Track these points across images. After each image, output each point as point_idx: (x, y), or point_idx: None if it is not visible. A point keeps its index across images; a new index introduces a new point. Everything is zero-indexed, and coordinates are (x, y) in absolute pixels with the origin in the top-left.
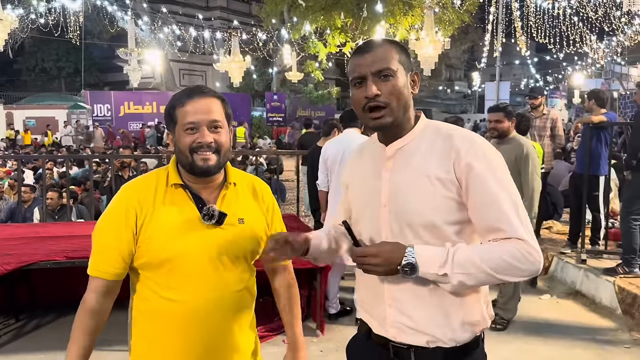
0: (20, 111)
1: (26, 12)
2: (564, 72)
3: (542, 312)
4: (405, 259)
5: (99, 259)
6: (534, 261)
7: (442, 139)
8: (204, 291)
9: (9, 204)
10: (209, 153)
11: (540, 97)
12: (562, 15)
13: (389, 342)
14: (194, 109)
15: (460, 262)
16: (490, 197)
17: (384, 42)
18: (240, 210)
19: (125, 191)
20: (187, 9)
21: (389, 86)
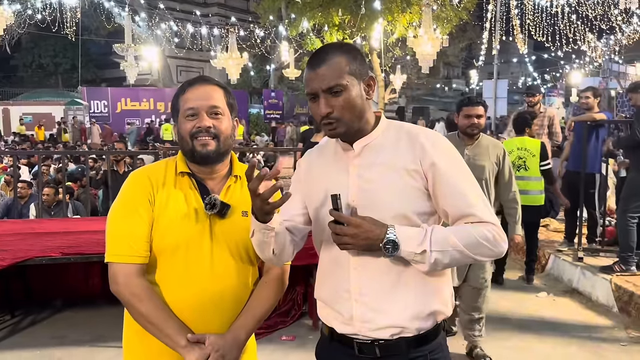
0: (17, 107)
1: (23, 7)
2: (562, 71)
3: (539, 310)
4: (388, 236)
5: (124, 245)
6: (501, 242)
7: (407, 135)
8: (202, 283)
9: (5, 200)
10: (207, 138)
11: (538, 95)
12: (560, 14)
13: (353, 339)
14: (194, 96)
15: (437, 240)
16: (458, 188)
17: (333, 54)
18: (245, 204)
19: (137, 175)
20: (184, 5)
21: (340, 101)
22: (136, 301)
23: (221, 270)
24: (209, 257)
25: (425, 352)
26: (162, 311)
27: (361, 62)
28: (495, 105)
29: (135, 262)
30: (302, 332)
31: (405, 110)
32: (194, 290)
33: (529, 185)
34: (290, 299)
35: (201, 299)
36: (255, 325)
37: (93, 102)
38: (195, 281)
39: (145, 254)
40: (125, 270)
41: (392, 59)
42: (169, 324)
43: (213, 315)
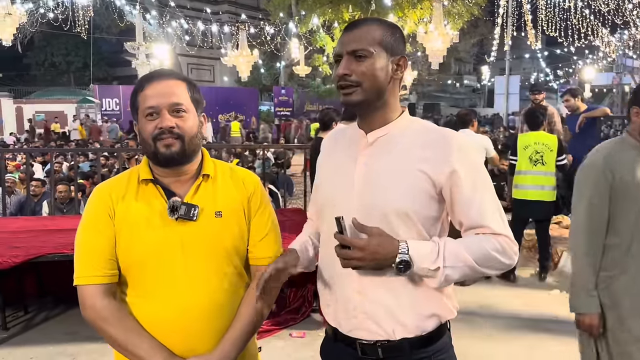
0: (30, 105)
1: (35, 6)
2: (575, 66)
3: (551, 307)
4: (400, 256)
5: (87, 265)
6: (513, 254)
7: (433, 136)
8: (180, 296)
9: (19, 197)
10: (171, 139)
11: (543, 93)
12: (573, 8)
13: (356, 340)
14: (153, 92)
15: (450, 256)
16: (474, 199)
17: (369, 22)
18: (219, 203)
19: (98, 190)
20: (195, 2)
21: (362, 67)
22: (104, 325)
23: (199, 279)
24: (182, 266)
25: (430, 353)
26: (133, 332)
27: (398, 40)
28: (507, 102)
29: (100, 282)
30: (313, 328)
31: (416, 107)
32: (172, 305)
33: (545, 180)
34: (300, 296)
35: (182, 313)
36: (247, 335)
37: (105, 100)
38: (172, 294)
39: (109, 272)
40: (90, 292)
41: None
42: (141, 346)
43: (198, 329)
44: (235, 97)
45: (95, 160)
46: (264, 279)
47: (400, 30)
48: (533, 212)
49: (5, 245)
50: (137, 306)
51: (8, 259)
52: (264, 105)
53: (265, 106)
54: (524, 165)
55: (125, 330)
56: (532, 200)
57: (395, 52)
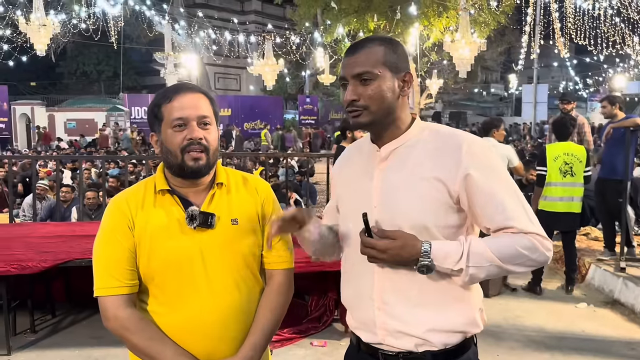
0: (62, 113)
1: (68, 17)
2: (605, 75)
3: (578, 321)
4: (422, 259)
5: (108, 276)
6: (545, 251)
7: (442, 141)
8: (201, 302)
9: (49, 203)
10: (199, 152)
11: (573, 102)
12: (602, 16)
13: (378, 350)
14: (181, 104)
15: (475, 257)
16: (495, 200)
17: (371, 43)
18: (234, 211)
19: (115, 201)
20: (222, 13)
21: (368, 90)
22: (128, 334)
23: (219, 286)
24: (203, 273)
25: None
26: (155, 341)
27: (401, 56)
28: (534, 110)
29: (121, 293)
30: (334, 337)
31: (442, 115)
32: (193, 311)
33: (575, 191)
34: (322, 305)
35: (202, 319)
36: (266, 340)
37: (134, 108)
38: (193, 301)
39: (130, 282)
40: (112, 303)
41: (427, 63)
42: (165, 354)
43: (217, 334)
44: (260, 105)
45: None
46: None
47: (401, 45)
48: (560, 223)
49: (34, 250)
50: (158, 314)
51: (37, 264)
52: (288, 114)
53: (290, 114)
54: (554, 176)
55: (148, 339)
56: (560, 212)
57: (399, 70)
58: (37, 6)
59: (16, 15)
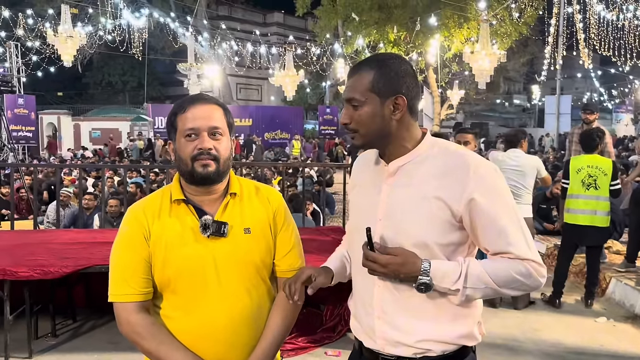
0: (87, 123)
1: (95, 29)
2: (631, 86)
3: (598, 335)
4: (421, 278)
5: (122, 284)
6: (539, 277)
7: (450, 162)
8: (211, 305)
9: (72, 210)
10: (208, 160)
11: (596, 113)
12: (627, 27)
13: (379, 355)
14: (194, 115)
15: (472, 278)
16: (497, 226)
17: (363, 68)
18: (247, 220)
19: (132, 210)
20: (245, 25)
21: (356, 115)
22: (139, 339)
23: (231, 292)
24: (215, 281)
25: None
26: (165, 344)
27: (392, 80)
28: (557, 122)
29: (134, 300)
30: (348, 347)
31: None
32: (205, 317)
33: (598, 205)
34: (337, 315)
35: (213, 325)
36: (276, 346)
37: (157, 118)
38: (205, 307)
39: (144, 290)
40: (125, 309)
41: (448, 74)
42: (174, 358)
43: (228, 340)
44: (281, 115)
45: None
46: (299, 281)
47: (398, 67)
48: (584, 237)
49: (56, 256)
50: (171, 318)
51: (59, 269)
52: (309, 124)
53: (310, 125)
54: (576, 188)
55: (158, 343)
56: (583, 225)
57: (388, 94)
58: (65, 19)
59: (45, 28)
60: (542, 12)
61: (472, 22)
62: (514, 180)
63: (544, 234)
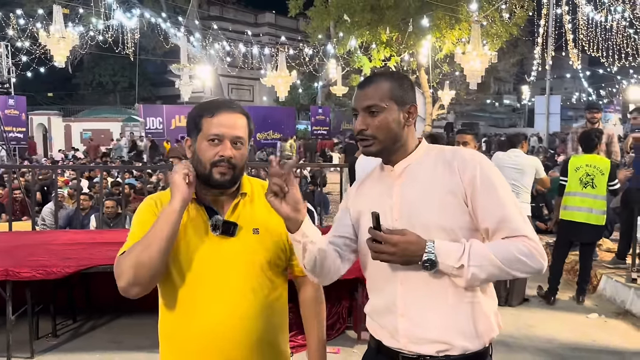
0: (78, 123)
1: (86, 29)
2: (619, 86)
3: (589, 331)
4: (426, 254)
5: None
6: (540, 258)
7: (447, 155)
8: (218, 303)
9: (67, 211)
10: (226, 168)
11: (600, 112)
12: (615, 28)
13: (399, 353)
14: (220, 122)
15: (475, 255)
16: (496, 203)
17: (380, 79)
18: (256, 221)
19: (148, 200)
20: (237, 25)
21: (375, 121)
22: (124, 259)
23: (236, 291)
24: (222, 279)
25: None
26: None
27: (407, 90)
28: (547, 122)
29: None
30: (347, 345)
31: (453, 127)
32: (211, 314)
33: (595, 203)
34: (335, 313)
35: (219, 322)
36: (323, 344)
37: (149, 118)
38: (211, 306)
39: None
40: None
41: (440, 74)
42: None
43: (234, 338)
44: (273, 116)
45: (138, 177)
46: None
47: (408, 80)
48: (579, 234)
49: (58, 257)
50: (177, 315)
51: (61, 269)
52: (301, 124)
53: (303, 125)
54: (573, 186)
55: (140, 243)
56: (578, 222)
57: (404, 102)
58: (57, 19)
59: (36, 28)
60: (531, 13)
61: (464, 23)
62: (513, 179)
63: (537, 232)
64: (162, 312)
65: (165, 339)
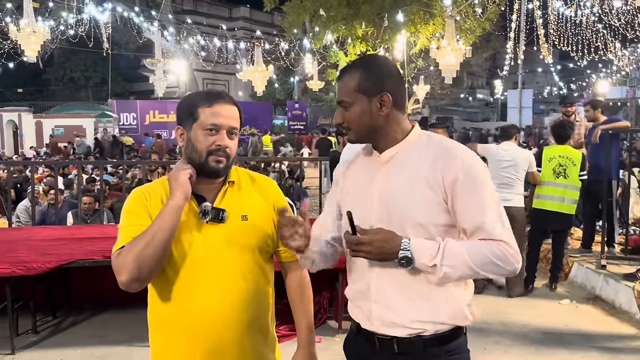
0: (49, 120)
1: (56, 23)
2: (588, 80)
3: (562, 316)
4: (402, 252)
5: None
6: (514, 261)
7: (436, 148)
8: (208, 289)
9: (41, 208)
10: (222, 158)
11: (575, 105)
12: (585, 23)
13: (375, 335)
14: (218, 112)
15: (449, 255)
16: (476, 207)
17: (348, 72)
18: (244, 208)
19: (135, 193)
20: (211, 19)
21: (347, 115)
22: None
23: (227, 277)
24: (212, 265)
25: (443, 351)
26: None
27: (377, 79)
28: (520, 115)
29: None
30: (328, 334)
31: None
32: (203, 301)
33: (566, 193)
34: (316, 302)
35: (210, 307)
36: (312, 328)
37: (122, 114)
38: (202, 291)
39: None
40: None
41: (415, 69)
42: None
43: (225, 322)
44: (249, 111)
45: (114, 173)
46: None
47: (381, 65)
48: (551, 222)
49: (37, 252)
50: (169, 302)
51: (42, 265)
52: (277, 119)
53: (279, 120)
54: (547, 176)
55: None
56: (550, 211)
57: (373, 93)
58: (27, 12)
59: (5, 23)
60: (503, 8)
61: (438, 18)
62: (506, 171)
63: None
64: (152, 302)
65: (156, 329)
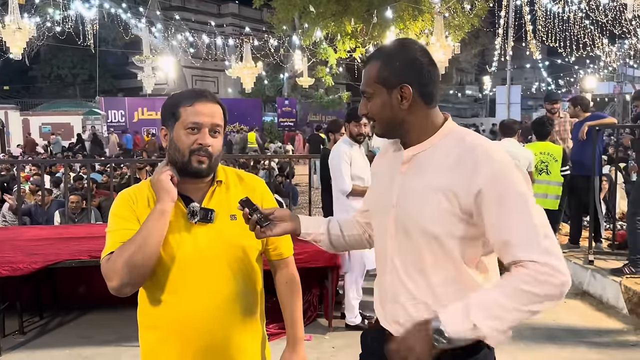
0: (36, 117)
1: (42, 20)
2: (576, 76)
3: (551, 311)
4: (434, 341)
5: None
6: (555, 281)
7: (464, 152)
8: (198, 289)
9: (28, 206)
10: (204, 156)
11: (560, 102)
12: (572, 19)
13: (387, 332)
14: (199, 110)
15: (481, 305)
16: (501, 221)
17: (370, 61)
18: (233, 207)
19: (122, 196)
20: (199, 16)
21: (369, 106)
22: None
23: (217, 276)
24: (202, 265)
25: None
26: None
27: (397, 69)
28: (508, 111)
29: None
30: (318, 332)
31: None
32: (192, 301)
33: (549, 189)
34: (306, 301)
35: (200, 308)
36: (301, 325)
37: (110, 111)
38: (193, 291)
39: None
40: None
41: None
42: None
43: (216, 321)
44: (239, 108)
45: (103, 171)
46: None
47: (403, 55)
48: None
49: (24, 252)
50: (160, 302)
51: (28, 265)
52: (267, 116)
53: (269, 117)
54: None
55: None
56: None
57: (393, 84)
58: (12, 9)
59: None
60: (492, 4)
61: (426, 14)
62: None
63: None
64: (142, 302)
65: (146, 329)
